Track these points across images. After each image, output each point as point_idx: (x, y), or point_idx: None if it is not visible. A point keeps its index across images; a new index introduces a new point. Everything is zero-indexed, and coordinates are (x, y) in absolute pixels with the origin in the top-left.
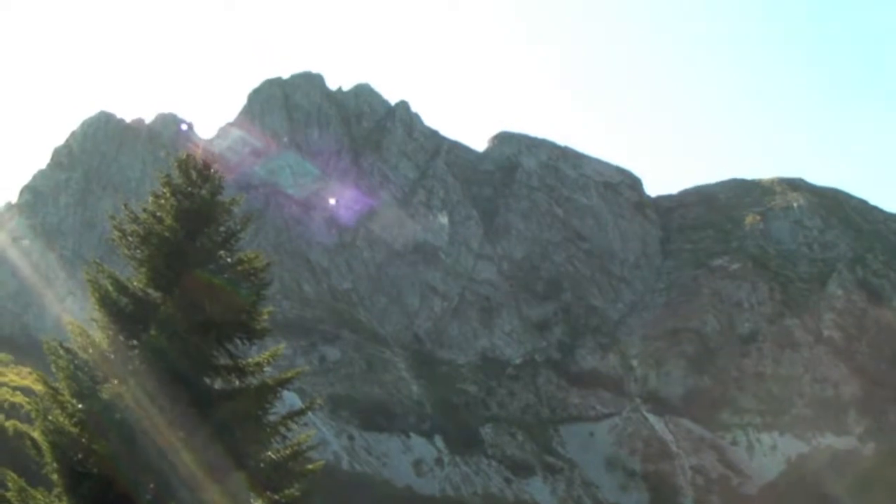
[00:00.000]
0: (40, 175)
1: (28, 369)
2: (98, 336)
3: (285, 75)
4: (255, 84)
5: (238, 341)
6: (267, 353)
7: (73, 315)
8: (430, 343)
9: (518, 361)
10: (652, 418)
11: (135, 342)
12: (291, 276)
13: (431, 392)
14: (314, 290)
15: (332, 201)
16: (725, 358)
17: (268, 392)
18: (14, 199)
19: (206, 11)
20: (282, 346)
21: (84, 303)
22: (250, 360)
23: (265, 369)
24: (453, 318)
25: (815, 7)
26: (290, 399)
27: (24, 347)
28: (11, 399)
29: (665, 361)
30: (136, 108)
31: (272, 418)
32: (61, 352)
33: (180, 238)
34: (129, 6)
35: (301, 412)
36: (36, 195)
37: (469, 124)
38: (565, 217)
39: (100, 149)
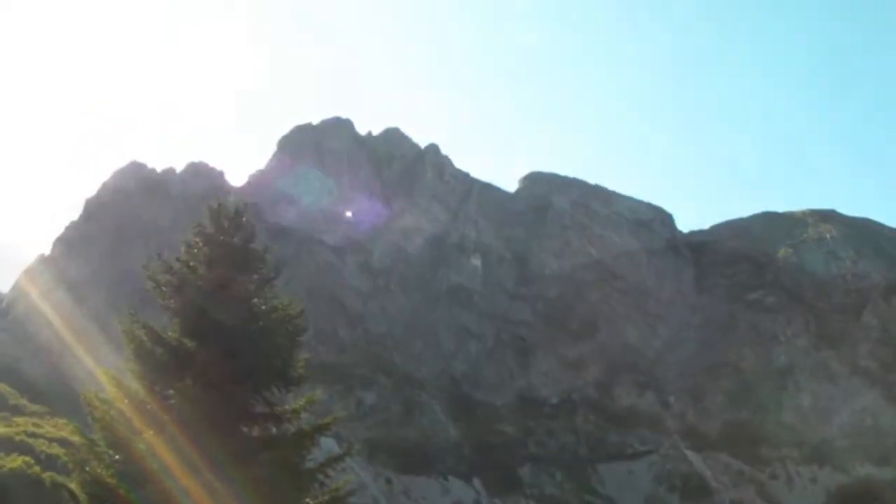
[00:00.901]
0: (72, 227)
1: (64, 421)
2: (134, 386)
3: (315, 121)
4: (285, 131)
5: (274, 389)
6: (303, 400)
7: (108, 366)
8: (467, 385)
9: (555, 401)
10: (690, 454)
11: (171, 392)
12: (326, 322)
13: (469, 434)
14: (349, 334)
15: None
16: (763, 391)
17: (305, 439)
18: (47, 251)
19: (234, 61)
20: (318, 392)
21: (119, 353)
22: (287, 407)
23: (302, 416)
24: (489, 359)
25: (845, 38)
26: (327, 445)
27: (60, 399)
28: (48, 451)
29: (702, 397)
30: (167, 157)
31: (310, 465)
32: (97, 403)
33: (214, 287)
34: (156, 57)
35: (339, 458)
36: (68, 247)
37: (499, 165)
38: (598, 256)
39: (131, 199)
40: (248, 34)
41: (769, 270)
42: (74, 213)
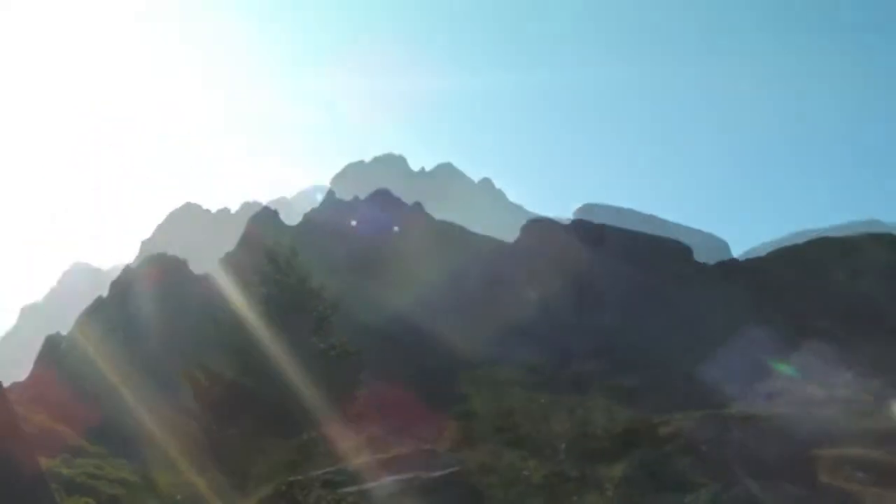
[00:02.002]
0: (128, 270)
1: (124, 461)
2: (193, 426)
3: (367, 159)
4: (338, 169)
5: (334, 426)
6: (363, 437)
7: (168, 406)
8: (524, 418)
9: (614, 432)
10: (751, 482)
11: (230, 431)
12: (381, 358)
13: (531, 468)
14: (405, 371)
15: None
16: (821, 418)
17: (367, 476)
18: (105, 293)
19: (284, 100)
20: (377, 429)
21: (178, 393)
22: (347, 443)
23: (362, 452)
24: (548, 393)
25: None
26: (388, 482)
27: (120, 440)
28: (109, 492)
29: (759, 424)
30: (221, 197)
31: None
32: (158, 444)
33: (272, 326)
34: (208, 100)
35: (401, 493)
36: (126, 288)
37: (554, 197)
38: (652, 285)
39: (187, 239)
40: (301, 77)
41: (825, 295)
42: (130, 255)
